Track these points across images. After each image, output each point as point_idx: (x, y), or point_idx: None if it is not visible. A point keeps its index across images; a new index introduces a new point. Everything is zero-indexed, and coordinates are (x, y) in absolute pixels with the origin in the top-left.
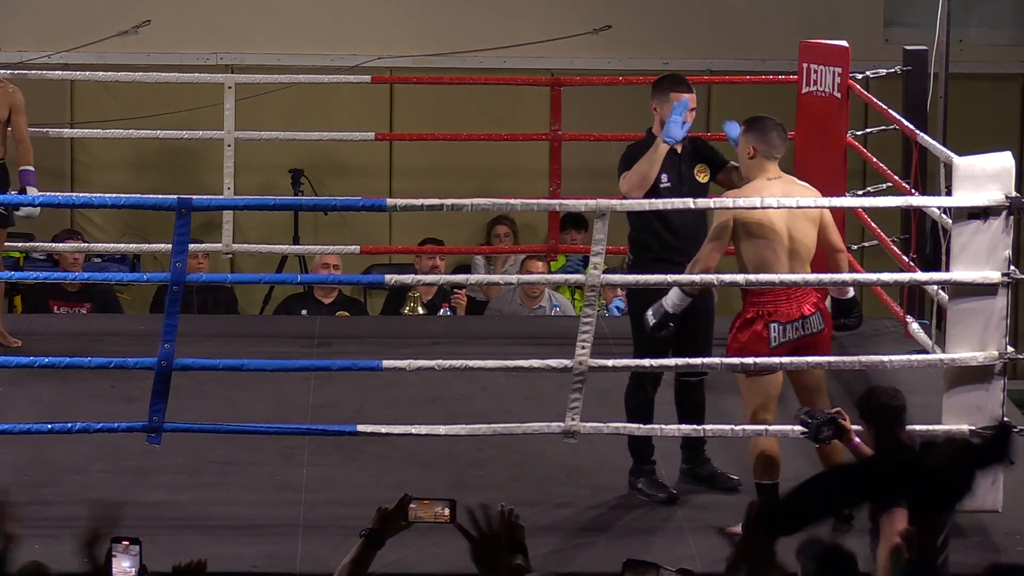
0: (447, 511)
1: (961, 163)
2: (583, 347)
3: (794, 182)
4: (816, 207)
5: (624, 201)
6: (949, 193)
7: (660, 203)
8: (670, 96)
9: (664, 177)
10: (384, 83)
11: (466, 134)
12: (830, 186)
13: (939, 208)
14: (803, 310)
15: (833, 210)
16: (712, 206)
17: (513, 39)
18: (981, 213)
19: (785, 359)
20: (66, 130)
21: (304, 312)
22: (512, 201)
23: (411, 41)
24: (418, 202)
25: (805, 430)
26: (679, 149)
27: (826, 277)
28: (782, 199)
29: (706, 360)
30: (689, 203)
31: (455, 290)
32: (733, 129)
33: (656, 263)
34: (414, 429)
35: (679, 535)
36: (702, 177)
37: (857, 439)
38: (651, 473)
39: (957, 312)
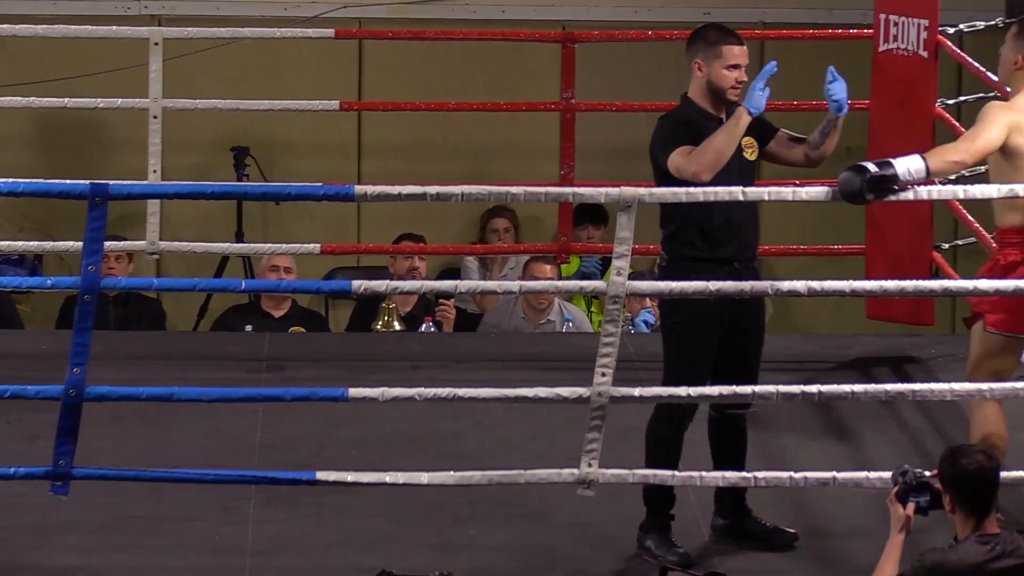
0: None
1: None
2: (603, 373)
3: None
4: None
5: (655, 189)
6: None
7: (701, 192)
8: (721, 51)
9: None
10: (351, 38)
11: (455, 103)
12: None
13: None
14: None
15: (919, 203)
16: (766, 197)
17: None
18: None
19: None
20: None
21: (249, 328)
22: (513, 189)
23: None
24: (394, 189)
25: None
26: (724, 118)
27: None
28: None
29: (759, 388)
30: (737, 193)
31: (440, 300)
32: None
33: (696, 263)
34: (389, 477)
35: None
36: (750, 153)
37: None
38: (666, 529)
39: None
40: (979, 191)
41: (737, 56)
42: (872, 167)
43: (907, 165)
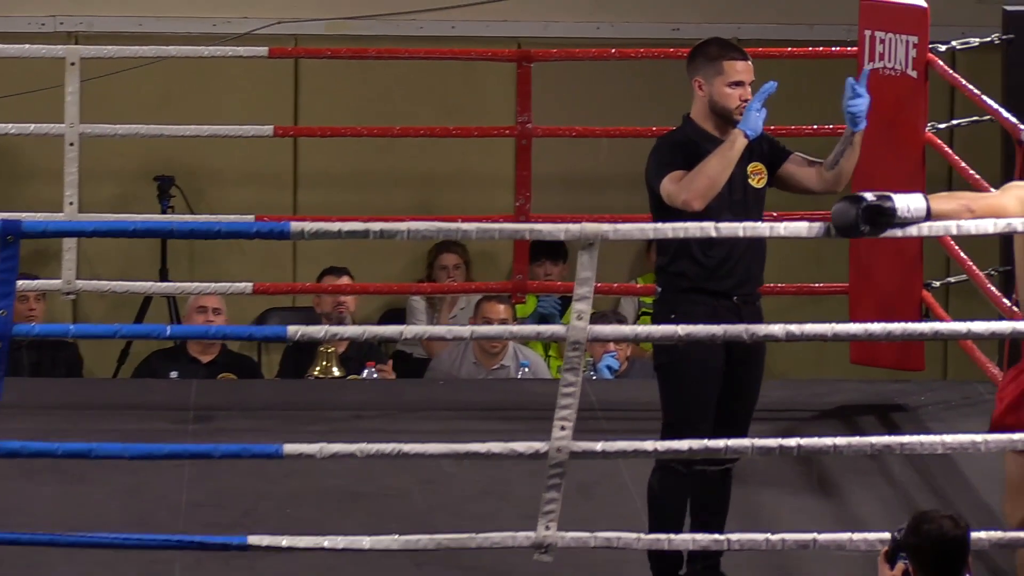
0: None
1: None
2: (563, 427)
3: None
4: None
5: (620, 225)
6: None
7: (670, 228)
8: (723, 67)
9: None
10: (286, 57)
11: (400, 128)
12: None
13: None
14: None
15: (908, 238)
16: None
17: None
18: None
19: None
20: None
21: (175, 374)
22: (464, 225)
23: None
24: (334, 226)
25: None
26: (727, 137)
27: None
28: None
29: (731, 442)
30: (710, 229)
31: (376, 364)
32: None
33: (693, 294)
34: (327, 541)
35: None
36: (758, 181)
37: None
38: None
39: None
40: (973, 226)
41: (740, 72)
42: (869, 196)
43: (907, 201)
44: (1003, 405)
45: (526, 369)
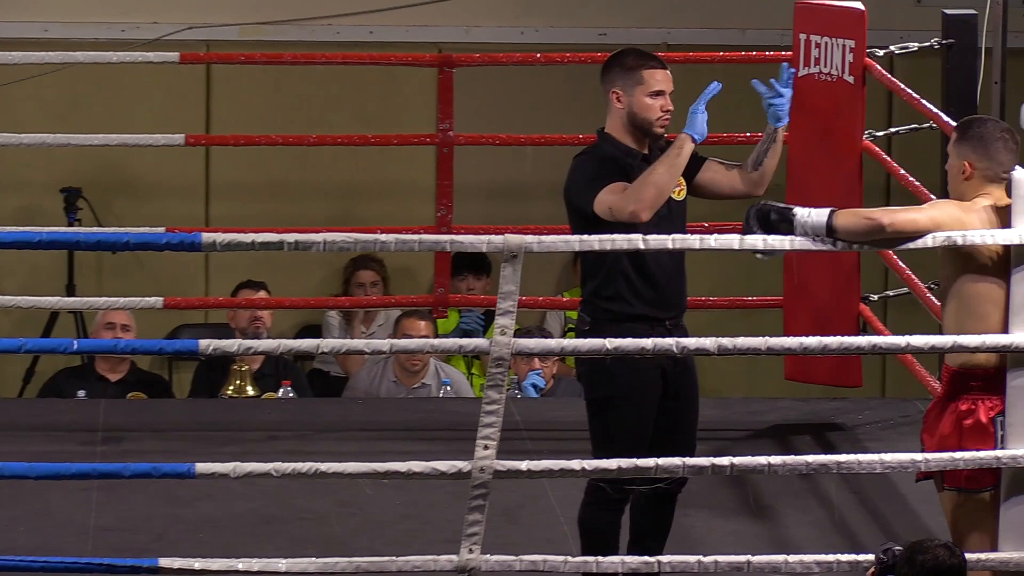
0: None
1: (1022, 177)
2: (486, 446)
3: None
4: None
5: (545, 237)
6: (1007, 224)
7: (597, 240)
8: (642, 76)
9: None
10: (198, 63)
11: (316, 137)
12: (839, 207)
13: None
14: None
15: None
16: (670, 245)
17: (383, 0)
18: None
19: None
20: None
21: (82, 393)
22: (383, 237)
23: (236, 3)
24: (247, 237)
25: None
26: (646, 151)
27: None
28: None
29: (662, 461)
30: (637, 241)
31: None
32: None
33: (627, 322)
34: (241, 564)
35: None
36: (678, 193)
37: None
38: None
39: (1019, 391)
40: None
41: (661, 82)
42: (774, 203)
43: (811, 210)
44: (936, 440)
45: (448, 387)
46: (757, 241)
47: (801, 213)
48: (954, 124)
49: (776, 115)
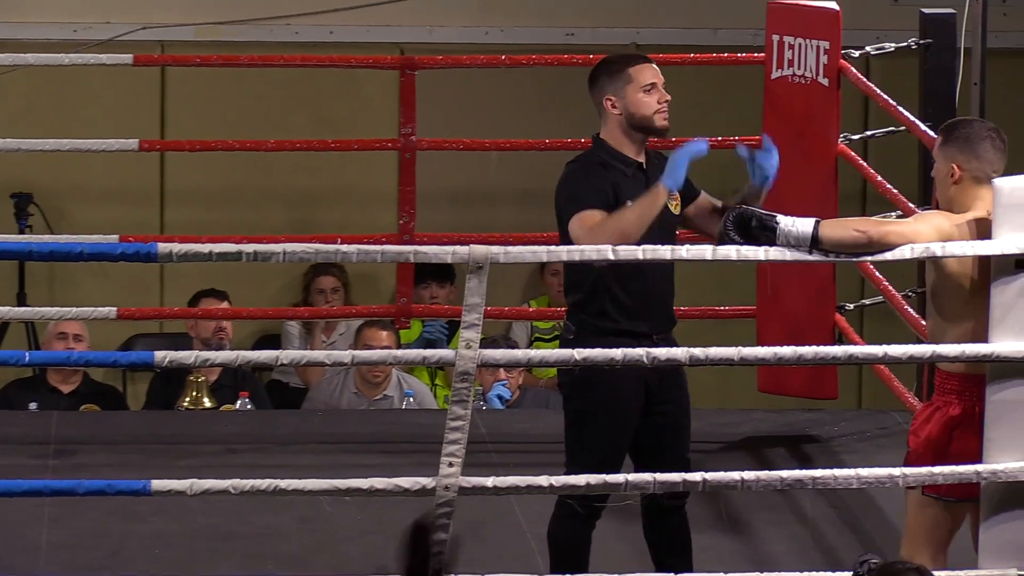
0: None
1: (1004, 185)
2: (451, 463)
3: None
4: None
5: (512, 248)
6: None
7: (565, 251)
8: (631, 75)
9: (630, 205)
10: (152, 65)
11: (274, 142)
12: (814, 214)
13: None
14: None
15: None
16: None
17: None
18: None
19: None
20: None
21: (34, 405)
22: (344, 247)
23: (192, 2)
24: (204, 247)
25: None
26: (644, 164)
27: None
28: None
29: (632, 477)
30: (607, 252)
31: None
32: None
33: (613, 337)
34: None
35: None
36: (675, 207)
37: None
38: None
39: (999, 404)
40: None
41: (651, 75)
42: (754, 209)
43: (795, 219)
44: (920, 443)
45: (411, 399)
46: (731, 252)
47: (785, 222)
48: (929, 130)
49: (763, 173)
